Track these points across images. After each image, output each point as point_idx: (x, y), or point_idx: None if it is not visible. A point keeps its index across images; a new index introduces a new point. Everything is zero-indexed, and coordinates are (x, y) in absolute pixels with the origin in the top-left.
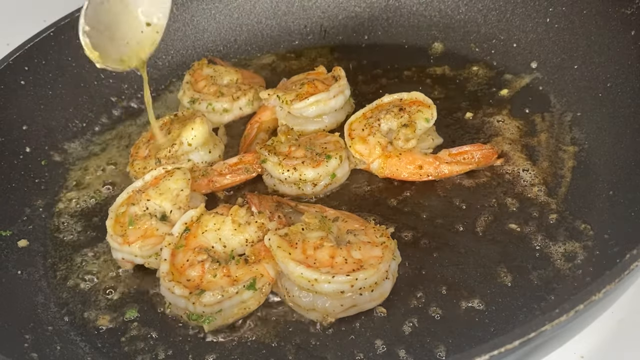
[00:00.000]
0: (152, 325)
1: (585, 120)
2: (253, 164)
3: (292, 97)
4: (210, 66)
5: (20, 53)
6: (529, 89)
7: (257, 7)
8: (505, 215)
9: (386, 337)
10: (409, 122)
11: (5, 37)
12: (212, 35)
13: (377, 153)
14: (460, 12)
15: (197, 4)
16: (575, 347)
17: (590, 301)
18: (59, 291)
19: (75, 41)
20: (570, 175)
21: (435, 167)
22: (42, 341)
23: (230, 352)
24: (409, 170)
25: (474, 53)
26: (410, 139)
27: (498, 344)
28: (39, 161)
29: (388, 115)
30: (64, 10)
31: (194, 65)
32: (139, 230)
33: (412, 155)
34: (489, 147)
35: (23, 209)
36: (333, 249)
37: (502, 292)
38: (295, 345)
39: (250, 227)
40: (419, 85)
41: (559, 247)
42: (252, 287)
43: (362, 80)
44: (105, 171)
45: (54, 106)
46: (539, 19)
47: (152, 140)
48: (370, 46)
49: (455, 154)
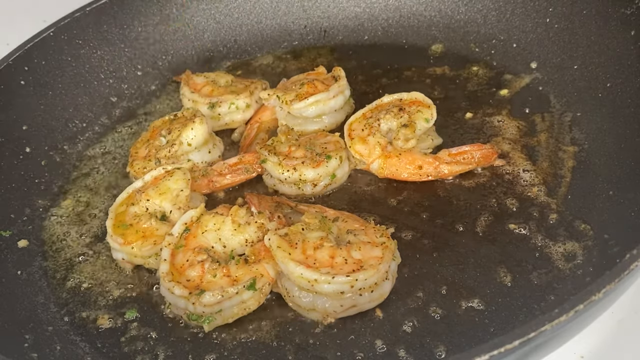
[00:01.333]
0: (152, 325)
1: (585, 120)
2: (253, 164)
3: (291, 97)
4: (199, 74)
5: (20, 53)
6: (529, 89)
7: (257, 7)
8: (505, 216)
9: (386, 337)
10: (409, 122)
11: (5, 37)
12: (212, 35)
13: (376, 153)
14: (460, 12)
15: (197, 4)
16: (575, 347)
17: (590, 301)
18: (58, 291)
19: (75, 41)
20: (570, 175)
21: (435, 167)
22: (42, 341)
23: (230, 352)
24: (409, 170)
25: (474, 53)
26: (410, 139)
27: (498, 344)
28: (39, 161)
29: (388, 115)
30: (64, 10)
31: (183, 78)
32: (138, 231)
33: (411, 155)
34: (489, 147)
35: (23, 209)
36: (333, 249)
37: (502, 292)
38: (295, 345)
39: (250, 228)
40: (418, 86)
41: (558, 247)
42: (252, 287)
43: (362, 80)
44: (105, 171)
45: (54, 106)
46: (539, 19)
47: (151, 141)
48: (370, 46)
49: (455, 154)
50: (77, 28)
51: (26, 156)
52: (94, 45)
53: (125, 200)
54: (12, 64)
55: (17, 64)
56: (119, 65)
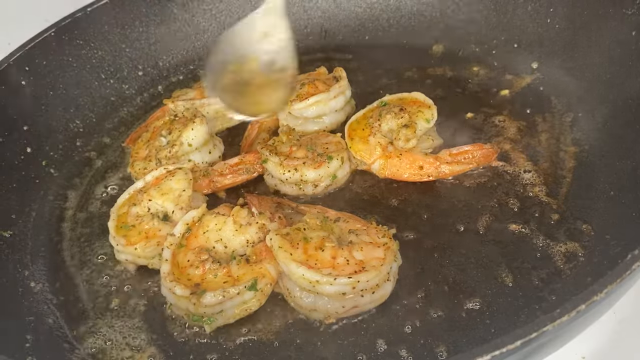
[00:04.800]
0: (153, 325)
1: (586, 120)
2: (254, 164)
3: (292, 97)
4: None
5: (21, 53)
6: (530, 89)
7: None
8: (506, 216)
9: (387, 337)
10: (410, 123)
11: (6, 37)
12: (212, 35)
13: (377, 153)
14: (460, 12)
15: (198, 4)
16: (577, 348)
17: (591, 301)
18: (59, 292)
19: (76, 41)
20: (571, 176)
21: (435, 167)
22: (42, 341)
23: (231, 353)
24: (410, 170)
25: (474, 53)
26: (411, 139)
27: (499, 344)
28: (39, 161)
29: (388, 115)
30: (65, 10)
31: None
32: (141, 232)
33: (412, 155)
34: (489, 146)
35: (23, 209)
36: (335, 249)
37: (503, 292)
38: (296, 345)
39: (252, 228)
40: (419, 86)
41: (560, 247)
42: (254, 287)
43: (362, 80)
44: (107, 172)
45: (54, 107)
46: (540, 20)
47: (152, 141)
48: (370, 46)
49: (456, 154)
50: (78, 28)
51: (27, 156)
52: (95, 46)
53: (127, 201)
54: (13, 64)
55: (18, 64)
56: (120, 66)
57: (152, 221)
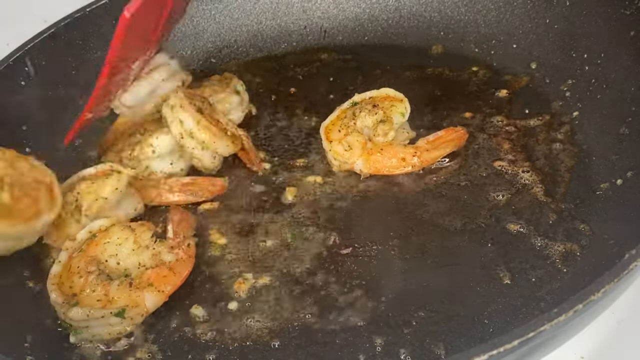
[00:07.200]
0: (151, 325)
1: (585, 120)
2: (206, 188)
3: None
4: None
5: (20, 53)
6: (529, 89)
7: (257, 7)
8: (504, 215)
9: (386, 337)
10: (386, 118)
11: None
12: (212, 35)
13: (358, 152)
14: (460, 12)
15: (197, 4)
16: (575, 347)
17: (589, 301)
18: None
19: (75, 41)
20: (569, 176)
21: (418, 156)
22: (41, 341)
23: (230, 353)
24: (393, 163)
25: (473, 54)
26: (389, 131)
27: (497, 344)
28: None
29: (363, 113)
30: (64, 10)
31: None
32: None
33: (393, 149)
34: (460, 128)
35: None
36: None
37: (501, 291)
38: (296, 345)
39: (148, 252)
40: (418, 86)
41: (558, 247)
42: (120, 315)
43: (362, 80)
44: None
45: (54, 107)
46: (539, 20)
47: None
48: (370, 46)
49: (432, 141)
50: (78, 29)
51: None
52: (94, 46)
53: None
54: (12, 64)
55: (17, 64)
56: None
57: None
